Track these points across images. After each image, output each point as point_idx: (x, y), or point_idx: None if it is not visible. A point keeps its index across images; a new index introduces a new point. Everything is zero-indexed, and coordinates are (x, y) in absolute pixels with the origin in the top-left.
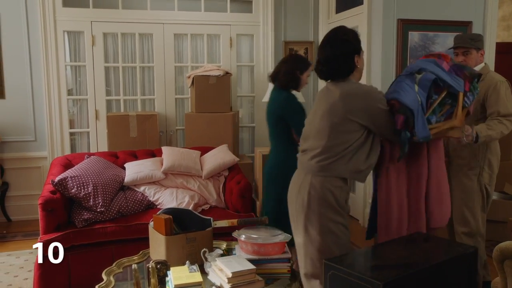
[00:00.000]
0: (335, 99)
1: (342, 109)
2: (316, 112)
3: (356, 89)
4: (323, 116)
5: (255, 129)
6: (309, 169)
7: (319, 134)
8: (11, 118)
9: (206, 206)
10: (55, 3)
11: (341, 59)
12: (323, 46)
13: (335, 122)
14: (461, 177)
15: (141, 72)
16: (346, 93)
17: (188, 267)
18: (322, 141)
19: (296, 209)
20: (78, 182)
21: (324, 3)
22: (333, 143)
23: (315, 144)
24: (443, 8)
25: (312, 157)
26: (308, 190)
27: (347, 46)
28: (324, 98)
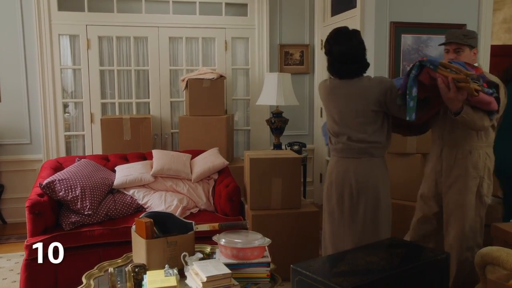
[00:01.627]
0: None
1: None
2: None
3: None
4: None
5: (250, 132)
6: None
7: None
8: (7, 121)
9: (195, 209)
10: (51, 7)
11: (360, 59)
12: (340, 41)
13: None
14: (460, 188)
15: (136, 76)
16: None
17: (165, 271)
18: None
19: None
20: (66, 185)
21: (319, 6)
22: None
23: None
24: (436, 11)
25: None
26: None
27: (361, 47)
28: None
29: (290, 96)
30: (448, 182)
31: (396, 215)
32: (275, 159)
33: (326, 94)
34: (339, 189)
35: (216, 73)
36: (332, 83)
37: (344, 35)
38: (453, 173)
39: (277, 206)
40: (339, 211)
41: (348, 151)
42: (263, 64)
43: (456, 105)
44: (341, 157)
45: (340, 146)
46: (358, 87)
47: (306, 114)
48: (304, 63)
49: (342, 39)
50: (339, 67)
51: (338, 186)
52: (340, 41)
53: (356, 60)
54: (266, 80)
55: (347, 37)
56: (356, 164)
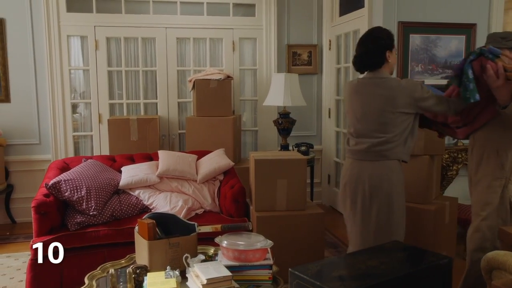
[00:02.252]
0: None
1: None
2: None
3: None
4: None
5: (258, 133)
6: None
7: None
8: (16, 121)
9: (201, 210)
10: (59, 8)
11: (373, 53)
12: (360, 43)
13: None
14: (484, 186)
15: (144, 76)
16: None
17: (166, 272)
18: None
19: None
20: (71, 185)
21: (328, 6)
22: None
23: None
24: (445, 10)
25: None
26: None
27: (379, 42)
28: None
29: (297, 96)
30: (474, 180)
31: (407, 216)
32: (280, 160)
33: (352, 92)
34: (353, 191)
35: (223, 73)
36: (359, 82)
37: (370, 34)
38: (479, 172)
39: (282, 207)
40: (352, 213)
41: (364, 153)
42: (271, 64)
43: (505, 96)
44: (356, 159)
45: (358, 147)
46: (385, 88)
47: (314, 114)
48: (312, 64)
49: (368, 37)
50: (360, 59)
51: (351, 188)
52: (367, 39)
53: (369, 53)
54: (273, 80)
55: (372, 37)
56: (371, 167)
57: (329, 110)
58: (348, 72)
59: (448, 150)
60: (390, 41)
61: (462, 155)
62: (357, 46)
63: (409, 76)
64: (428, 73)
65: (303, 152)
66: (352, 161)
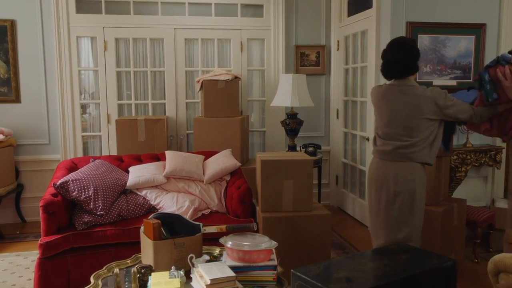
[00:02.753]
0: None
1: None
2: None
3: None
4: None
5: (266, 133)
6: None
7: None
8: (26, 122)
9: (207, 210)
10: (69, 9)
11: (409, 60)
12: (393, 49)
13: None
14: None
15: (152, 77)
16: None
17: (170, 272)
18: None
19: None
20: (79, 185)
21: (336, 6)
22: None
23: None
24: (454, 10)
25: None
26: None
27: (413, 51)
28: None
29: (305, 97)
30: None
31: None
32: (286, 161)
33: (380, 97)
34: (378, 189)
35: (231, 74)
36: (387, 88)
37: (397, 43)
38: None
39: (288, 208)
40: (376, 208)
41: (390, 154)
42: (279, 65)
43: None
44: (382, 159)
45: (384, 148)
46: (412, 95)
47: (322, 115)
48: (320, 64)
49: (395, 45)
50: (391, 67)
51: (377, 186)
52: (394, 47)
53: (401, 62)
54: (281, 81)
55: (400, 45)
56: (396, 167)
57: (337, 110)
58: (356, 72)
59: (457, 151)
60: (418, 50)
61: (471, 156)
62: (387, 54)
63: (418, 76)
64: (437, 74)
65: (310, 153)
66: (379, 161)
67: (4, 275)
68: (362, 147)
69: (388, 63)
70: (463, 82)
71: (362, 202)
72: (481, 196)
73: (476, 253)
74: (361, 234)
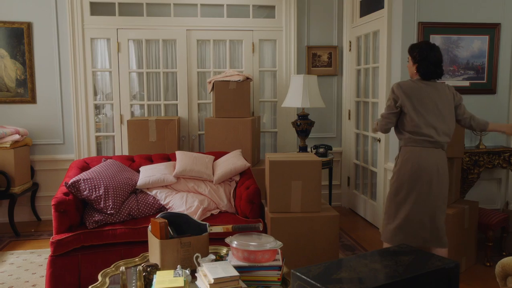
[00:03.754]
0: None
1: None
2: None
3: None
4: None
5: (277, 134)
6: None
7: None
8: (42, 122)
9: (216, 211)
10: (84, 11)
11: (442, 64)
12: (437, 51)
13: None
14: None
15: (165, 78)
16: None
17: (175, 271)
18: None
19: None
20: (90, 184)
21: (348, 7)
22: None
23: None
24: (467, 10)
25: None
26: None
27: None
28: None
29: (316, 98)
30: None
31: None
32: (295, 162)
33: (416, 92)
34: (427, 173)
35: (242, 75)
36: (418, 84)
37: (434, 45)
38: None
39: (296, 209)
40: (422, 192)
41: (433, 143)
42: (291, 66)
43: None
44: (424, 147)
45: (426, 138)
46: (442, 90)
47: (334, 116)
48: (332, 65)
49: (435, 48)
50: (434, 69)
51: (426, 171)
52: (435, 48)
53: (442, 66)
54: (292, 82)
55: (437, 47)
56: (437, 154)
57: (349, 111)
58: (368, 73)
59: (469, 153)
60: None
61: (483, 158)
62: (434, 52)
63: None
64: (449, 75)
65: (321, 154)
66: (421, 149)
67: (18, 271)
68: (374, 149)
69: (436, 65)
70: (476, 82)
71: (373, 204)
72: (494, 198)
73: (489, 256)
74: (372, 236)
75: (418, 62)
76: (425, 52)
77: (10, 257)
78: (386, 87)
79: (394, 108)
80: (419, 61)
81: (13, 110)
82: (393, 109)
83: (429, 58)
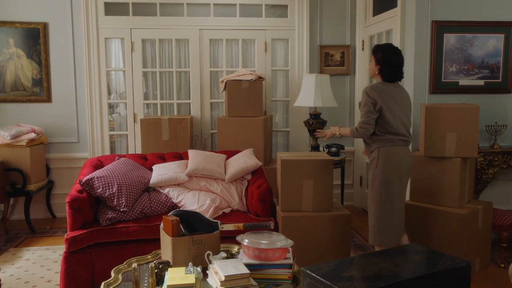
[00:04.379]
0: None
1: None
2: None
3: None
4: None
5: (289, 134)
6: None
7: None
8: (57, 121)
9: (228, 209)
10: (98, 12)
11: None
12: (399, 55)
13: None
14: None
15: (178, 77)
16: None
17: (186, 268)
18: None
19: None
20: (103, 182)
21: (361, 6)
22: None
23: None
24: (482, 8)
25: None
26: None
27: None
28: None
29: (328, 97)
30: None
31: (437, 220)
32: (306, 160)
33: (388, 93)
34: (408, 172)
35: (254, 74)
36: (387, 86)
37: (397, 49)
38: None
39: (308, 208)
40: (404, 188)
41: (406, 141)
42: (303, 65)
43: None
44: (401, 146)
45: (402, 138)
46: (404, 91)
47: (346, 115)
48: (345, 64)
49: (398, 51)
50: (396, 72)
51: (406, 169)
52: (398, 52)
53: (402, 69)
54: (304, 81)
55: (400, 52)
56: (409, 152)
57: None
58: None
59: (483, 152)
60: None
61: (498, 158)
62: (397, 56)
63: (443, 76)
64: (463, 74)
65: (333, 153)
66: (403, 147)
67: (34, 267)
68: None
69: (398, 68)
70: (491, 82)
71: None
72: (509, 199)
73: (503, 258)
74: None
75: (381, 64)
76: (388, 55)
77: (26, 253)
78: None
79: (374, 112)
80: (382, 63)
81: (29, 109)
82: (374, 113)
83: (392, 61)
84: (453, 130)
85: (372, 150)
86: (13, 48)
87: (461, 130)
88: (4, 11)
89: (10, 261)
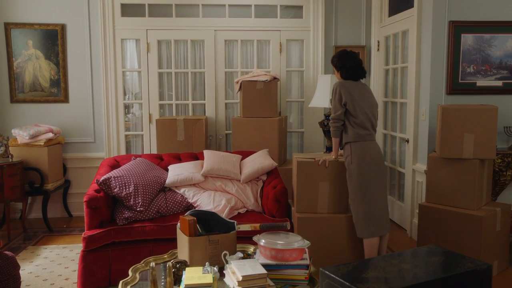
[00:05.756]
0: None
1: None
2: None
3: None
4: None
5: (304, 134)
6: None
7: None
8: (74, 121)
9: (243, 209)
10: (115, 13)
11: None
12: (354, 57)
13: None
14: None
15: (193, 78)
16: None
17: (204, 268)
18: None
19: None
20: (120, 182)
21: (377, 6)
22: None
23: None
24: (501, 7)
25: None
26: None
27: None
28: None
29: None
30: None
31: (454, 222)
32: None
33: (355, 90)
34: (381, 162)
35: (269, 75)
36: (355, 83)
37: (351, 53)
38: None
39: (323, 209)
40: (383, 179)
41: (373, 136)
42: (318, 66)
43: None
44: (372, 140)
45: (369, 132)
46: (368, 88)
47: None
48: None
49: (352, 55)
50: (353, 72)
51: (380, 160)
52: (352, 55)
53: (362, 67)
54: (319, 82)
55: (353, 54)
56: (378, 145)
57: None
58: (396, 73)
59: (502, 154)
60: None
61: None
62: (351, 60)
63: (460, 77)
64: (481, 74)
65: None
66: (371, 142)
67: (51, 265)
68: (402, 149)
69: (359, 67)
70: (509, 82)
71: (401, 205)
72: None
73: None
74: (400, 237)
75: (339, 69)
76: (342, 60)
77: (44, 251)
78: (415, 87)
79: (340, 107)
80: (340, 68)
81: (47, 109)
82: (341, 107)
83: (347, 65)
84: (471, 131)
85: (343, 146)
86: (32, 49)
87: (479, 132)
88: (23, 13)
89: (28, 258)
